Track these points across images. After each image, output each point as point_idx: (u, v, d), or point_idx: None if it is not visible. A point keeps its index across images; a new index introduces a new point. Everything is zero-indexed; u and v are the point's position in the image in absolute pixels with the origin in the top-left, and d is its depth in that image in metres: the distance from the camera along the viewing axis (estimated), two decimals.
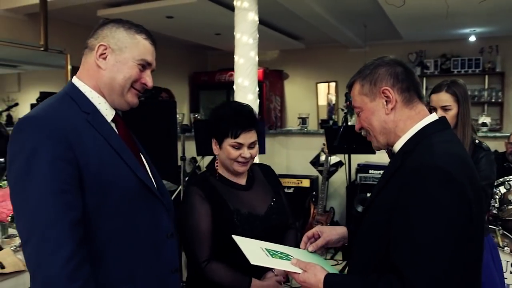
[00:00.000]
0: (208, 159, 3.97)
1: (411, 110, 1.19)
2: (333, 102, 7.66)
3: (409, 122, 1.18)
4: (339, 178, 4.93)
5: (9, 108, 4.57)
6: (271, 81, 7.64)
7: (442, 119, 1.21)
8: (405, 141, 1.18)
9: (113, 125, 1.30)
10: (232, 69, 3.30)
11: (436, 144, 1.12)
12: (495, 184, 3.00)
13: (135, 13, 4.81)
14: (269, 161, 6.01)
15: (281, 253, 1.33)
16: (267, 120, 7.39)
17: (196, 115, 4.94)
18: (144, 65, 1.29)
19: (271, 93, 7.66)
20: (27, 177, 1.09)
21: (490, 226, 2.90)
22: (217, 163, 1.74)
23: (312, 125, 6.91)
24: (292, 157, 5.71)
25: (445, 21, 5.14)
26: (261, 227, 1.64)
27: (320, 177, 4.81)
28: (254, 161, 1.77)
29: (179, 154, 3.74)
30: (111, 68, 1.25)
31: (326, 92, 7.81)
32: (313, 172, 5.11)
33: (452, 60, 6.67)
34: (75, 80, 1.29)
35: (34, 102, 4.38)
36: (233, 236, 1.37)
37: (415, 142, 1.15)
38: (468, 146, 2.04)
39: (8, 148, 1.14)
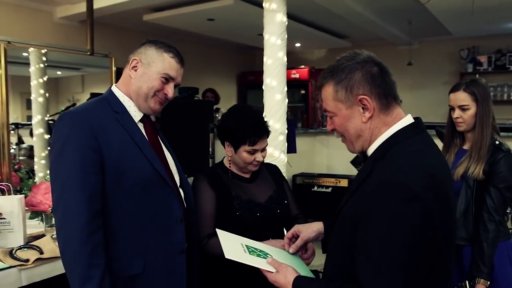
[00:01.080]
0: None
1: (387, 116, 1.13)
2: None
3: (384, 129, 1.13)
4: None
5: (67, 108, 4.95)
6: (317, 80, 7.57)
7: (417, 122, 1.16)
8: (376, 147, 1.14)
9: (141, 124, 1.54)
10: None
11: (405, 154, 1.07)
12: None
13: (178, 17, 5.02)
14: (309, 160, 6.03)
15: (260, 251, 1.37)
16: (313, 119, 7.38)
17: None
18: (167, 79, 1.51)
19: (317, 92, 7.62)
20: (60, 158, 1.37)
21: None
22: (229, 162, 1.86)
23: None
24: (333, 156, 5.68)
25: (496, 14, 4.89)
26: (260, 213, 1.76)
27: None
28: (265, 161, 1.89)
29: (215, 152, 3.87)
30: (139, 78, 1.50)
31: None
32: (354, 172, 5.06)
33: (508, 56, 6.31)
34: (113, 87, 1.56)
35: None
36: (216, 229, 1.46)
37: (386, 149, 1.11)
38: (487, 147, 1.98)
39: (52, 134, 1.44)
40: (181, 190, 1.61)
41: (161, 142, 1.62)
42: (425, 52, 6.97)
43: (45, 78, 3.82)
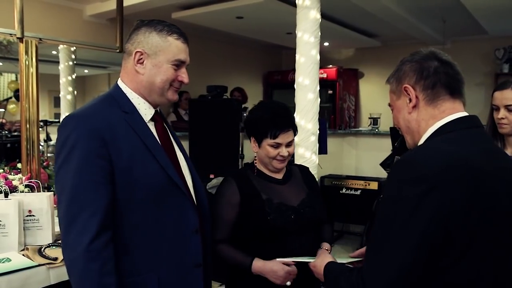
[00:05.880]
0: None
1: (434, 109, 1.11)
2: None
3: (431, 122, 1.10)
4: None
5: None
6: (345, 80, 7.46)
7: (469, 118, 1.10)
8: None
9: (151, 124, 1.39)
10: None
11: (435, 141, 1.05)
12: None
13: (206, 15, 4.98)
14: (337, 162, 5.92)
15: None
16: (340, 120, 7.24)
17: None
18: (178, 64, 1.36)
19: (344, 92, 7.48)
20: (67, 168, 1.24)
21: None
22: (255, 159, 1.79)
23: (388, 125, 6.65)
24: (362, 158, 5.55)
25: None
26: (293, 217, 1.67)
27: None
28: (296, 162, 1.78)
29: (244, 151, 3.80)
30: (148, 73, 1.35)
31: None
32: (383, 174, 4.92)
33: None
34: (119, 81, 1.40)
35: None
36: None
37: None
38: None
39: (57, 141, 1.29)
40: (194, 196, 1.47)
41: (173, 142, 1.47)
42: (458, 52, 6.74)
43: (73, 76, 3.85)
